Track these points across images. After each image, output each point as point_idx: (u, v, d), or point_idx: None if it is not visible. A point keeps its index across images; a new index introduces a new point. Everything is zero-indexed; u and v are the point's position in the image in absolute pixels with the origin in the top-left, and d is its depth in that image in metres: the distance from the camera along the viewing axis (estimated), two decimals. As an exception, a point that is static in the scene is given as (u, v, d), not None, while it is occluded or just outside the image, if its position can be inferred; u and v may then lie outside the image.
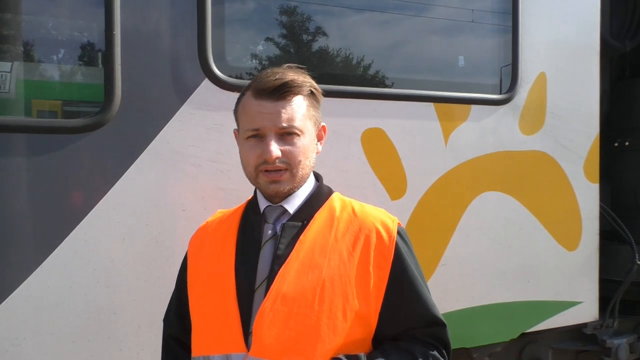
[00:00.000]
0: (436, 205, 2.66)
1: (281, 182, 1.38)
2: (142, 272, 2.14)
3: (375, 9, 2.68)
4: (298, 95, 1.39)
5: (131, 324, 2.15)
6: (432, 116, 2.64)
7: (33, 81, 2.35)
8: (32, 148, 2.00)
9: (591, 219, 3.07)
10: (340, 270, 1.35)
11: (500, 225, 2.82)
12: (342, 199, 1.50)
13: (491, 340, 2.83)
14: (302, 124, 1.39)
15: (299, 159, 1.38)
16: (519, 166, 2.86)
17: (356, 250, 1.37)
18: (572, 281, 3.02)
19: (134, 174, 2.11)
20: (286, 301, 1.31)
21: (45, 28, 2.37)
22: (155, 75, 2.14)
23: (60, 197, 2.03)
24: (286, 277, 1.34)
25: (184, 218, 2.18)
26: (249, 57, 2.49)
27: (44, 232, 2.02)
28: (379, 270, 1.36)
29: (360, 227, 1.41)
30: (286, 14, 2.49)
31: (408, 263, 1.40)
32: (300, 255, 1.36)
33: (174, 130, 2.16)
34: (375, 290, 1.35)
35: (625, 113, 3.62)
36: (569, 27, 3.00)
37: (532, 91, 2.89)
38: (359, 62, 2.65)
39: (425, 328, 1.40)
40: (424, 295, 1.40)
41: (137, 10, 2.10)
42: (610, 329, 3.32)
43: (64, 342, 2.05)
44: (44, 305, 2.02)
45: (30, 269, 2.00)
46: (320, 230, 1.40)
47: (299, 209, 1.44)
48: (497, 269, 2.82)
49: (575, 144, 3.01)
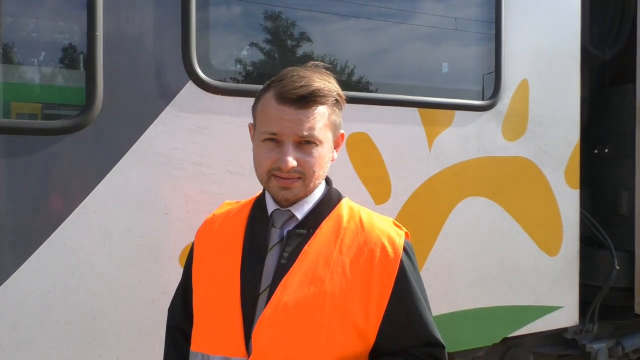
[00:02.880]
0: (420, 210, 2.67)
1: (292, 190, 1.35)
2: (123, 276, 2.11)
3: (360, 15, 2.69)
4: (323, 105, 1.35)
5: (112, 328, 2.11)
6: (417, 121, 2.65)
7: (12, 84, 2.31)
8: (12, 149, 1.96)
9: (572, 224, 3.11)
10: (342, 284, 1.32)
11: (483, 231, 2.84)
12: (350, 207, 1.46)
13: (473, 344, 2.84)
14: (322, 134, 1.35)
15: (314, 170, 1.35)
16: (501, 172, 2.89)
17: (360, 265, 1.35)
18: (553, 286, 3.05)
19: (116, 177, 2.09)
20: (287, 311, 1.30)
21: (25, 30, 2.33)
22: (138, 76, 2.12)
23: (39, 200, 2.00)
24: (288, 288, 1.32)
25: (166, 222, 2.16)
26: (233, 60, 2.48)
27: (23, 235, 1.98)
28: (381, 287, 1.34)
29: (366, 241, 1.38)
30: (271, 19, 2.48)
31: (411, 281, 1.37)
32: (304, 266, 1.34)
33: (157, 133, 2.14)
34: (376, 306, 1.33)
35: (605, 120, 3.68)
36: (550, 35, 3.05)
37: (515, 98, 2.93)
38: (344, 67, 2.66)
39: (423, 347, 1.39)
40: (425, 316, 1.38)
41: (120, 11, 2.08)
42: (590, 333, 3.35)
43: (42, 348, 2.01)
44: (23, 309, 1.98)
45: (8, 273, 1.96)
46: (325, 241, 1.37)
47: (306, 215, 1.41)
48: (479, 273, 2.83)
49: (556, 150, 3.05)
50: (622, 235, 3.48)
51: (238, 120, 2.24)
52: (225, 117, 2.24)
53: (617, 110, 3.61)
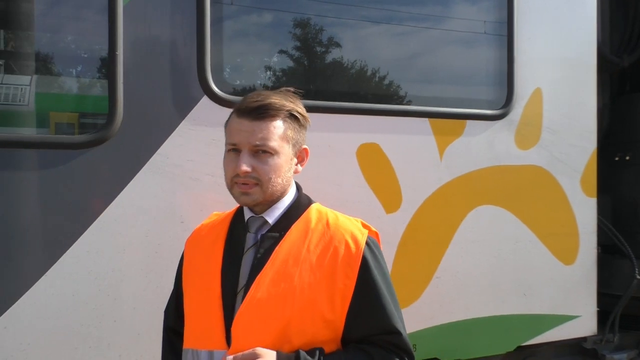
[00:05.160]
0: (431, 219, 2.71)
1: (250, 194, 1.49)
2: (142, 281, 2.23)
3: (374, 24, 2.76)
4: (276, 117, 1.50)
5: (131, 331, 2.23)
6: (427, 131, 2.70)
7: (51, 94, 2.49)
8: (43, 161, 2.12)
9: (589, 232, 3.09)
10: (310, 279, 1.46)
11: (496, 239, 2.86)
12: (319, 210, 1.59)
13: (487, 352, 2.86)
14: (276, 144, 1.48)
15: (268, 176, 1.48)
16: (515, 180, 2.91)
17: (325, 261, 1.48)
18: (570, 295, 3.04)
19: (135, 187, 2.21)
20: (260, 306, 1.44)
21: (58, 51, 2.53)
22: (155, 93, 2.24)
23: (64, 210, 2.14)
24: (261, 285, 1.45)
25: (182, 229, 2.26)
26: (246, 76, 2.59)
27: (49, 243, 2.12)
28: (346, 280, 1.46)
29: (331, 239, 1.51)
30: (282, 33, 2.58)
31: (374, 274, 1.49)
32: (275, 265, 1.48)
33: (174, 145, 2.26)
34: (341, 298, 1.46)
35: (626, 127, 3.64)
36: (565, 43, 3.05)
37: (528, 107, 2.94)
38: (356, 78, 2.73)
39: (383, 335, 1.50)
40: (386, 306, 1.49)
41: (138, 32, 2.21)
42: (610, 343, 3.31)
43: (66, 348, 2.14)
44: (48, 312, 2.12)
45: (35, 278, 2.10)
46: (294, 242, 1.51)
47: (277, 220, 1.55)
48: (492, 281, 2.85)
49: (571, 158, 3.04)
50: (643, 243, 3.43)
51: (250, 132, 2.34)
52: (239, 129, 2.34)
53: (637, 118, 3.57)
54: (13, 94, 2.46)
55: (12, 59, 2.67)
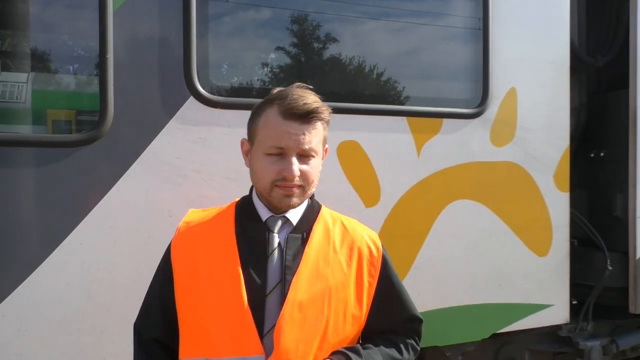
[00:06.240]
0: (409, 212, 2.84)
1: (293, 197, 1.53)
2: (132, 271, 2.36)
3: (354, 26, 2.88)
4: (321, 121, 1.56)
5: (122, 319, 2.35)
6: (405, 129, 2.83)
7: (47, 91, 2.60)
8: (38, 160, 2.24)
9: (562, 226, 3.22)
10: (342, 279, 1.56)
11: (472, 232, 2.99)
12: (330, 213, 1.69)
13: (463, 339, 3.00)
14: (318, 147, 1.56)
15: (312, 179, 1.56)
16: (490, 176, 3.04)
17: (352, 261, 1.60)
18: (543, 285, 3.17)
19: (126, 183, 2.34)
20: (302, 308, 1.47)
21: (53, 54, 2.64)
22: (145, 93, 2.37)
23: (58, 204, 2.27)
24: (299, 287, 1.49)
25: (170, 223, 2.39)
26: (230, 77, 2.72)
27: (44, 236, 2.25)
28: (370, 278, 1.61)
29: (353, 240, 1.63)
30: (265, 35, 2.71)
31: (392, 271, 1.67)
32: (308, 266, 1.53)
33: (162, 144, 2.39)
34: (367, 295, 1.60)
35: (601, 125, 3.78)
36: (539, 44, 3.17)
37: (503, 105, 3.07)
38: (337, 79, 2.86)
39: (406, 323, 1.68)
40: (404, 296, 1.69)
41: (128, 36, 2.34)
42: (584, 332, 3.45)
43: (61, 334, 2.27)
44: (44, 300, 2.25)
45: (31, 269, 2.23)
46: (320, 243, 1.58)
47: (299, 221, 1.59)
48: (468, 272, 2.99)
49: (545, 155, 3.18)
50: (617, 236, 3.57)
51: (235, 131, 2.46)
52: (224, 128, 2.47)
53: (612, 116, 3.70)
54: (10, 91, 2.52)
55: (8, 56, 2.76)
